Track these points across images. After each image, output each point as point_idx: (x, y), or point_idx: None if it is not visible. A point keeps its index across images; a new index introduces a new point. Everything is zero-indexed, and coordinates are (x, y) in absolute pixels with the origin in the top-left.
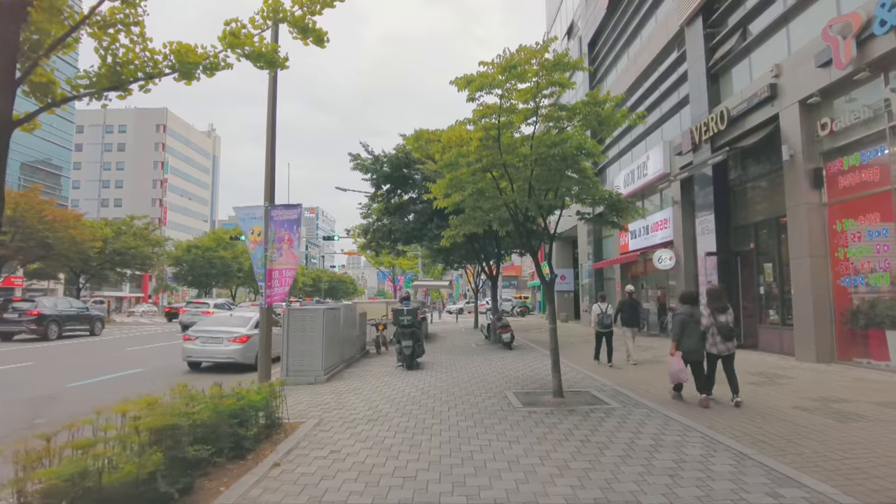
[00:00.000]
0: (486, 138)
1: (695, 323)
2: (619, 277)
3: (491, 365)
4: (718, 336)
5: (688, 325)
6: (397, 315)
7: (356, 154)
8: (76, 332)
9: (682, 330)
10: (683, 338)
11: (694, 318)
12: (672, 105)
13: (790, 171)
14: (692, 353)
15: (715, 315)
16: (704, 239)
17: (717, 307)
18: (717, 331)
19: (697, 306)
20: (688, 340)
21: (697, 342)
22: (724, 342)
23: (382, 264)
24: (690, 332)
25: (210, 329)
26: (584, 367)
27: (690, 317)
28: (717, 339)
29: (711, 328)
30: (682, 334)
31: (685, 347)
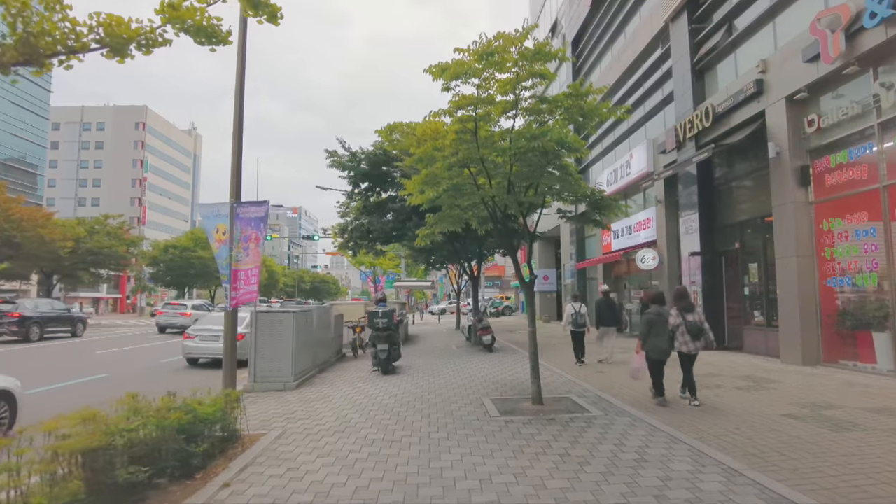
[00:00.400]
0: (462, 131)
1: (663, 322)
2: (601, 278)
3: (470, 369)
4: (688, 335)
5: (656, 324)
6: (372, 317)
7: (333, 151)
8: (58, 333)
9: (649, 329)
10: (651, 337)
11: (662, 317)
12: (656, 102)
13: (776, 168)
14: (661, 352)
15: (683, 314)
16: (688, 238)
17: (683, 306)
18: (686, 329)
19: (664, 306)
20: (656, 340)
21: (666, 341)
22: (693, 341)
23: (363, 265)
24: (658, 332)
25: (208, 328)
26: (565, 370)
27: (658, 316)
28: (686, 338)
29: (680, 327)
30: (649, 333)
31: (653, 346)
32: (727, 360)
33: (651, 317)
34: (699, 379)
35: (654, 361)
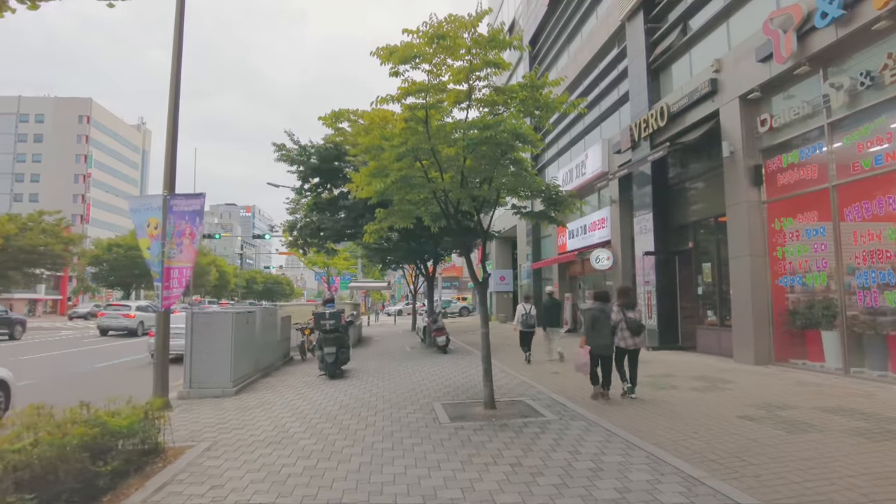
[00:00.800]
0: (412, 120)
1: (605, 319)
2: (557, 278)
3: (422, 371)
4: (627, 331)
5: (598, 320)
6: (318, 319)
7: (281, 144)
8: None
9: (592, 325)
10: (594, 333)
11: (604, 314)
12: (612, 102)
13: (730, 168)
14: (603, 347)
15: (624, 311)
16: (642, 238)
17: (625, 304)
18: (626, 326)
19: (608, 303)
20: (598, 336)
21: (608, 337)
22: (632, 337)
23: (316, 265)
24: (601, 328)
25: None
26: (519, 372)
27: (601, 312)
28: (626, 335)
29: (620, 323)
30: (592, 329)
31: (596, 342)
32: (681, 360)
33: (594, 313)
34: (654, 379)
35: (596, 356)
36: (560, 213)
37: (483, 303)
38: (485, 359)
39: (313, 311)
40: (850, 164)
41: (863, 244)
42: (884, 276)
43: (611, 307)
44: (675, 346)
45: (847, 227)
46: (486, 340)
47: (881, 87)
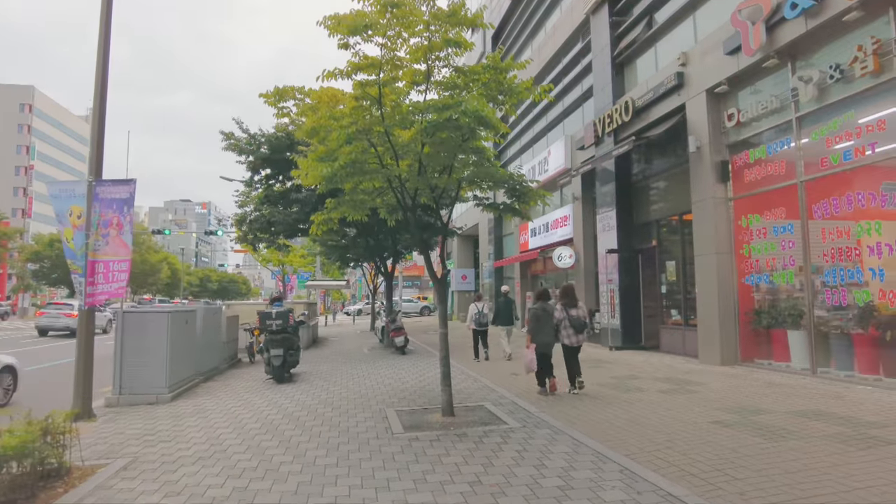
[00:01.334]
0: (363, 98)
1: (547, 317)
2: (519, 276)
3: (378, 374)
4: (571, 329)
5: (541, 319)
6: (263, 319)
7: (229, 133)
8: None
9: (536, 324)
10: (538, 331)
11: (547, 312)
12: (575, 98)
13: (696, 163)
14: (546, 345)
15: (567, 310)
16: (605, 236)
17: (567, 302)
18: (568, 324)
19: (549, 302)
20: (542, 334)
21: (550, 335)
22: (575, 334)
23: (271, 262)
24: (544, 326)
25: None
26: (480, 374)
27: (544, 311)
28: (569, 332)
29: (563, 321)
30: (536, 328)
31: (540, 340)
32: (645, 361)
33: (536, 312)
34: (619, 381)
35: (540, 354)
36: (524, 204)
37: (442, 301)
38: (443, 361)
39: (258, 310)
40: (818, 159)
41: (831, 241)
42: (852, 274)
43: (553, 306)
44: (637, 346)
45: (815, 225)
46: (445, 342)
47: (851, 81)
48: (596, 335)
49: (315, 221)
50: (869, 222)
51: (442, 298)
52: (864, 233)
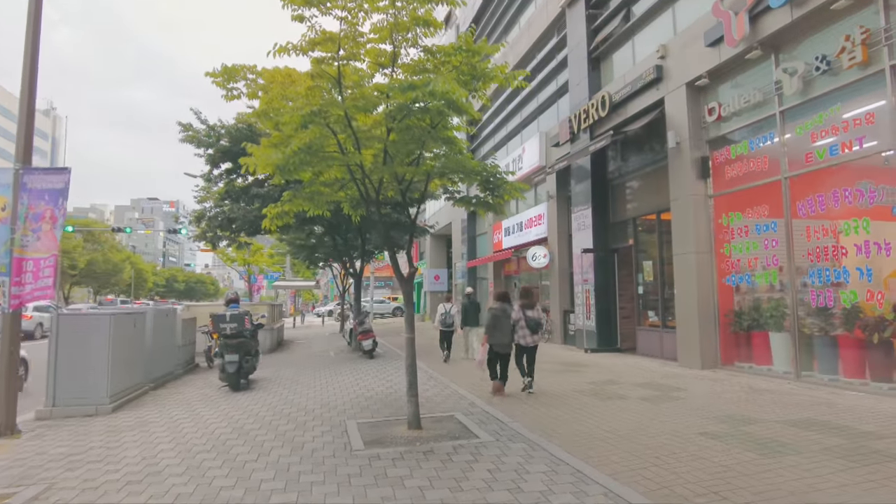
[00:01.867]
0: (320, 77)
1: (506, 318)
2: (492, 277)
3: (342, 380)
4: (527, 329)
5: (499, 319)
6: (217, 322)
7: (187, 124)
8: None
9: (493, 324)
10: (495, 331)
11: (505, 313)
12: (550, 94)
13: (675, 159)
14: (503, 345)
15: (524, 311)
16: (580, 235)
17: (525, 304)
18: (525, 324)
19: (509, 303)
20: (498, 334)
21: (507, 336)
22: (531, 335)
23: (236, 262)
24: (501, 327)
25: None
26: (451, 379)
27: (502, 312)
28: (525, 332)
29: (520, 322)
30: (493, 328)
31: (496, 340)
32: (623, 364)
33: (495, 312)
34: (597, 387)
35: (495, 354)
36: (499, 198)
37: (409, 303)
38: (409, 369)
39: (211, 313)
40: (802, 155)
41: (816, 240)
42: (838, 274)
43: (510, 307)
44: (613, 348)
45: (799, 223)
46: (412, 347)
47: (837, 73)
48: (571, 337)
49: (268, 215)
50: (857, 220)
51: (409, 300)
52: (852, 231)
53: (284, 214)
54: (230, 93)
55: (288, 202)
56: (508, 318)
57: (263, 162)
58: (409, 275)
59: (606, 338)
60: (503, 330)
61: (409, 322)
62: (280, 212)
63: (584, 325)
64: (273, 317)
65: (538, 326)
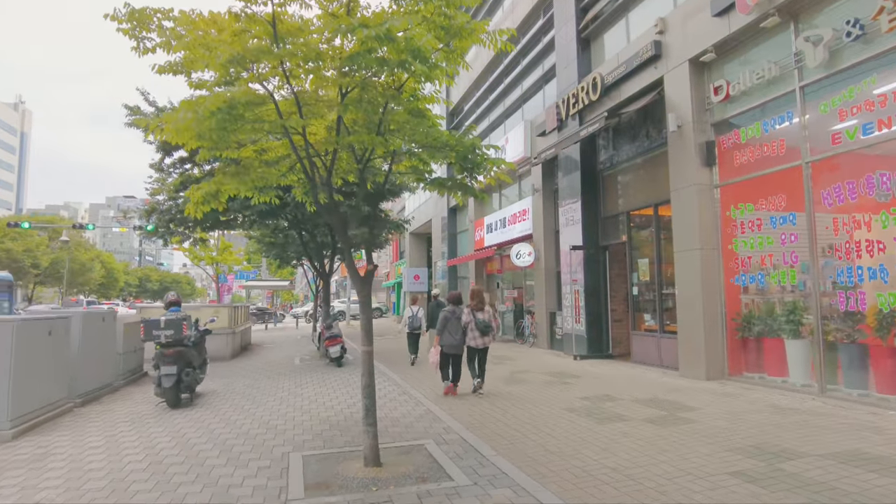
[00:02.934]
0: (249, 20)
1: (456, 320)
2: (474, 276)
3: (301, 394)
4: (477, 331)
5: (450, 321)
6: (149, 329)
7: (134, 107)
8: None
9: (444, 326)
10: (446, 333)
11: (455, 315)
12: (535, 80)
13: (676, 145)
14: (453, 346)
15: (474, 313)
16: (569, 231)
17: (475, 306)
18: (475, 326)
19: (461, 306)
20: (449, 336)
21: (458, 337)
22: (481, 337)
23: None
24: (452, 329)
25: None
26: (424, 393)
27: (453, 314)
28: (475, 334)
29: (470, 324)
30: (444, 330)
31: (447, 341)
32: (617, 374)
33: (446, 314)
34: (592, 404)
35: (446, 355)
36: (477, 173)
37: (365, 309)
38: (366, 391)
39: (143, 318)
40: (827, 136)
41: (845, 234)
42: (873, 273)
43: (462, 309)
44: (604, 354)
45: (824, 215)
46: (369, 363)
47: (873, 39)
48: (559, 342)
49: (192, 199)
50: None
51: (365, 305)
52: (890, 222)
53: (211, 198)
54: (142, 45)
55: (217, 182)
56: (459, 319)
57: (174, 126)
58: (367, 273)
59: (597, 343)
60: (454, 332)
61: (366, 331)
62: (205, 195)
63: (574, 329)
64: (235, 319)
65: (488, 328)
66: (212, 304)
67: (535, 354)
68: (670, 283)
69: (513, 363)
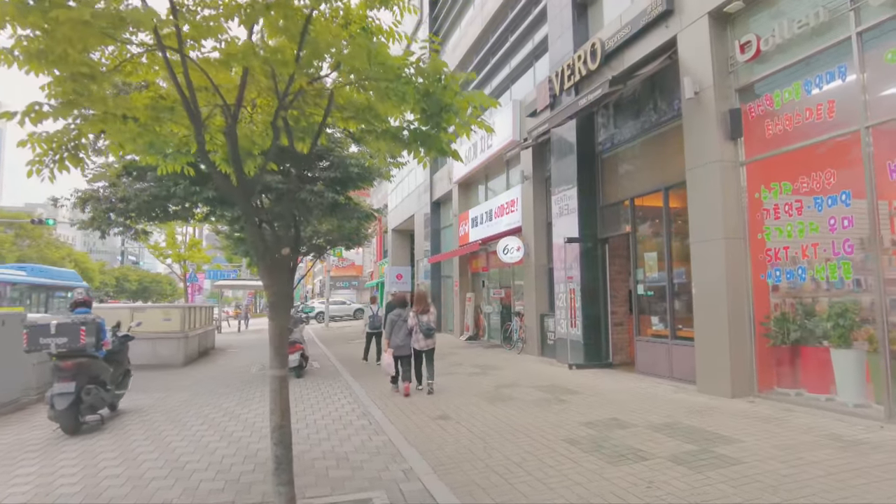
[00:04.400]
0: None
1: (402, 322)
2: (458, 275)
3: (238, 417)
4: (421, 334)
5: (396, 324)
6: (34, 337)
7: None
8: None
9: (391, 329)
10: (393, 336)
11: (401, 318)
12: (525, 55)
13: (693, 115)
14: (400, 348)
15: (418, 316)
16: (563, 222)
17: (420, 309)
18: (419, 329)
19: (406, 308)
20: (395, 338)
21: (404, 339)
22: (425, 339)
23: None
24: (398, 331)
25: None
26: (386, 408)
27: (398, 317)
28: (419, 337)
29: (415, 327)
30: (391, 332)
31: (394, 344)
32: (622, 388)
33: (392, 318)
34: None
35: (395, 358)
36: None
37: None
38: (276, 433)
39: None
40: (894, 93)
41: None
42: None
43: (407, 313)
44: (604, 362)
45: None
46: (281, 397)
47: None
48: (551, 348)
49: None
50: None
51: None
52: None
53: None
54: None
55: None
56: (404, 322)
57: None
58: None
59: (595, 350)
60: (400, 334)
61: (276, 347)
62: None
63: (568, 334)
64: (190, 322)
65: (430, 331)
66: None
67: (525, 362)
68: (683, 280)
69: (498, 374)
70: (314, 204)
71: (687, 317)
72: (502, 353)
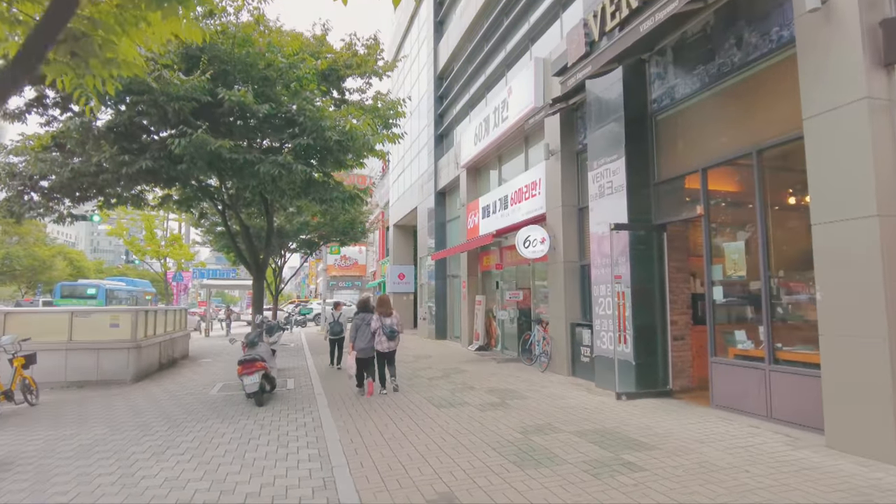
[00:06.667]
0: None
1: (366, 326)
2: (465, 274)
3: (147, 473)
4: (384, 336)
5: (360, 328)
6: None
7: None
8: None
9: (356, 332)
10: (357, 339)
11: (365, 321)
12: (548, 6)
13: (819, 36)
14: (364, 350)
15: (382, 319)
16: (605, 204)
17: (383, 312)
18: (382, 332)
19: (370, 312)
20: (359, 341)
21: (368, 342)
22: (388, 341)
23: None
24: (362, 334)
25: None
26: (360, 450)
27: (362, 321)
28: (382, 339)
29: (378, 330)
30: (355, 336)
31: (358, 346)
32: (706, 436)
33: (356, 321)
34: None
35: (359, 360)
36: None
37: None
38: None
39: None
40: None
41: None
42: None
43: (371, 316)
44: (662, 390)
45: None
46: None
47: None
48: (585, 367)
49: None
50: None
51: None
52: None
53: None
54: None
55: None
56: (368, 325)
57: None
58: None
59: (651, 373)
60: (363, 337)
61: None
62: None
63: (616, 352)
64: (142, 328)
65: (394, 333)
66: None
67: (553, 386)
68: (786, 281)
69: (523, 406)
70: (283, 181)
71: (791, 331)
72: (522, 371)
